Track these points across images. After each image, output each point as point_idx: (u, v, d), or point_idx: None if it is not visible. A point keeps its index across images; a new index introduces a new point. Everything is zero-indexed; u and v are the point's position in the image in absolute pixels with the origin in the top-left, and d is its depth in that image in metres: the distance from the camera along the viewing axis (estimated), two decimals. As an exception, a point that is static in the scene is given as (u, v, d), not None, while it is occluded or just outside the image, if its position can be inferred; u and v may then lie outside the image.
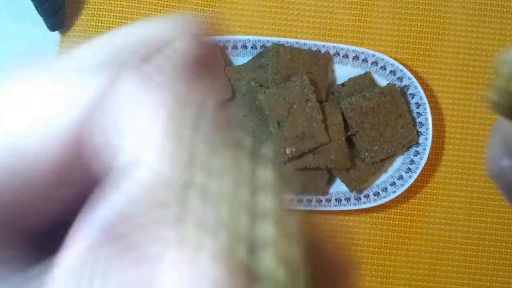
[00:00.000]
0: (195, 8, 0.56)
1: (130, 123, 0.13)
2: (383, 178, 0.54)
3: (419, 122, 0.53)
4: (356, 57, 0.53)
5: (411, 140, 0.52)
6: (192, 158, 0.12)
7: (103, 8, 0.56)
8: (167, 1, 0.56)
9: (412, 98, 0.53)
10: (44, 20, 0.53)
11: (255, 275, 0.11)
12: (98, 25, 0.56)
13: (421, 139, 0.53)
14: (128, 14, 0.56)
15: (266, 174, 0.13)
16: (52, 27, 0.54)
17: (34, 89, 0.14)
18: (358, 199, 0.53)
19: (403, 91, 0.53)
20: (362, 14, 0.56)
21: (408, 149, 0.53)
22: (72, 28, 0.56)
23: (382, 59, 0.53)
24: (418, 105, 0.53)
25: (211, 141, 0.13)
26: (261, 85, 0.52)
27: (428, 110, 0.52)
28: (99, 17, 0.56)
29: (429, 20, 0.57)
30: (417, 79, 0.53)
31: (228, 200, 0.12)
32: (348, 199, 0.53)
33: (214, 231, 0.11)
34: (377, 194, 0.53)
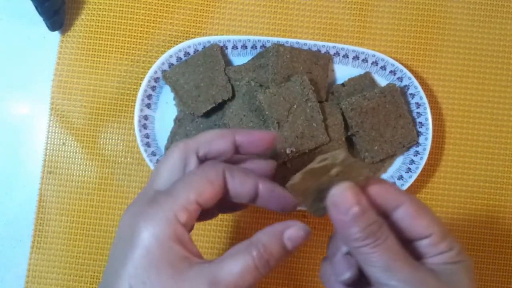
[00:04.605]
0: (195, 8, 0.56)
1: None
2: (383, 178, 0.54)
3: (419, 122, 0.53)
4: (356, 57, 0.53)
5: (411, 140, 0.52)
6: None
7: (103, 8, 0.56)
8: (167, 1, 0.56)
9: (412, 98, 0.53)
10: (44, 20, 0.53)
11: None
12: (98, 25, 0.56)
13: (421, 139, 0.53)
14: (128, 14, 0.56)
15: None
16: (52, 27, 0.54)
17: None
18: (358, 199, 0.53)
19: (403, 91, 0.53)
20: (362, 14, 0.57)
21: (408, 149, 0.53)
22: (72, 28, 0.56)
23: (382, 59, 0.53)
24: (418, 105, 0.53)
25: None
26: (261, 85, 0.52)
27: (428, 110, 0.52)
28: (99, 17, 0.56)
29: (429, 20, 0.57)
30: (417, 79, 0.53)
31: None
32: (348, 199, 0.53)
33: None
34: (377, 194, 0.53)
